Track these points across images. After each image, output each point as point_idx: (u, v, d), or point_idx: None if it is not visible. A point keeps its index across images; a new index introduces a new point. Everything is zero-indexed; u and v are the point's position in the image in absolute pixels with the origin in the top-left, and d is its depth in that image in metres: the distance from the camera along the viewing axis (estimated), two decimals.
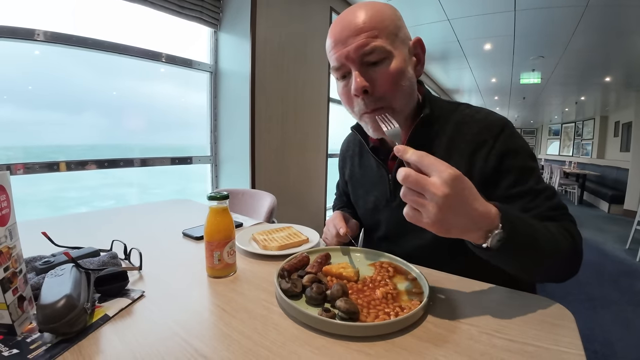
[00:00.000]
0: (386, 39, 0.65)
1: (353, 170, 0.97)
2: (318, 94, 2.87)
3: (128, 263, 0.75)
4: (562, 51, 4.01)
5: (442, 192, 0.45)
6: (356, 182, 0.95)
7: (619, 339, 1.98)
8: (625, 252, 3.77)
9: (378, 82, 0.67)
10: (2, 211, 0.47)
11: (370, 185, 0.89)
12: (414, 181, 0.47)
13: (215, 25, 2.16)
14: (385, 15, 0.66)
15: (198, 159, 2.24)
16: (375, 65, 0.66)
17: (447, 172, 0.46)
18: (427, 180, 0.46)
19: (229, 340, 0.47)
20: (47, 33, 1.45)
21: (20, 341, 0.46)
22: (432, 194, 0.46)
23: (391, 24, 0.66)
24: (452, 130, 0.74)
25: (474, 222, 0.49)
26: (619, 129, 7.42)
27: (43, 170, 1.50)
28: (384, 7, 0.68)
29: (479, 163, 0.70)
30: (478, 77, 5.75)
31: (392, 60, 0.66)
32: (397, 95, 0.69)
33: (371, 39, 0.64)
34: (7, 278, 0.46)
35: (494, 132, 0.70)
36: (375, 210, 0.88)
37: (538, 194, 0.67)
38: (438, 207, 0.46)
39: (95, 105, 1.76)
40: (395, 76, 0.67)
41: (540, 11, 2.96)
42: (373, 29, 0.64)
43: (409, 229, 0.77)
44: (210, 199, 0.69)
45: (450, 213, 0.47)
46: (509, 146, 0.70)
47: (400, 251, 0.81)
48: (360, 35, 0.64)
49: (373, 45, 0.64)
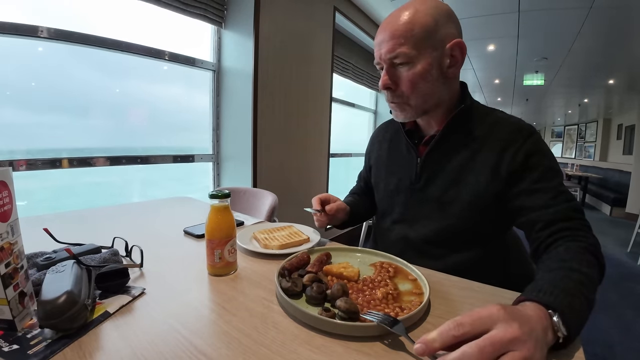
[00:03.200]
0: (411, 46, 0.73)
1: (380, 153, 1.02)
2: (321, 93, 2.86)
3: (129, 260, 0.75)
4: (565, 53, 3.99)
5: (513, 329, 0.38)
6: (381, 164, 1.00)
7: (619, 342, 1.98)
8: (627, 256, 3.76)
9: (400, 82, 0.77)
10: (4, 207, 0.47)
11: (396, 167, 0.93)
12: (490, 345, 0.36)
13: (220, 23, 2.16)
14: (417, 22, 0.72)
15: (200, 157, 2.24)
16: (400, 67, 0.76)
17: (491, 311, 0.40)
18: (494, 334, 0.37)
19: (228, 338, 0.47)
20: (50, 30, 1.45)
21: (21, 337, 0.46)
22: (508, 340, 0.37)
23: (421, 30, 0.72)
24: (485, 130, 0.79)
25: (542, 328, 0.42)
26: (622, 132, 7.39)
27: (45, 167, 1.50)
28: (422, 12, 0.73)
29: (507, 158, 0.74)
30: (481, 78, 5.73)
31: (414, 65, 0.74)
32: (414, 95, 0.77)
33: (397, 45, 0.73)
34: (9, 274, 0.46)
35: (524, 134, 0.75)
36: (396, 191, 0.92)
37: (560, 193, 0.70)
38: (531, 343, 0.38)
39: (98, 106, 1.76)
40: (414, 79, 0.75)
41: (544, 13, 2.94)
42: (400, 36, 0.73)
43: (427, 212, 0.84)
44: (212, 197, 0.69)
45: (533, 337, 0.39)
46: (538, 147, 0.74)
47: (414, 235, 0.86)
48: (390, 41, 0.74)
49: (398, 52, 0.73)
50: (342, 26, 3.28)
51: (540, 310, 0.44)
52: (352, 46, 3.60)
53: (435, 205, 0.82)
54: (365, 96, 4.35)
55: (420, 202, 0.85)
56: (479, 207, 0.77)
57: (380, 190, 0.98)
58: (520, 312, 0.42)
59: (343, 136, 3.66)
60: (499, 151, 0.75)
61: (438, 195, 0.82)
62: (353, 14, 3.21)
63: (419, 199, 0.86)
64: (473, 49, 4.14)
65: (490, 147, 0.77)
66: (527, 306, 0.45)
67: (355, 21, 3.25)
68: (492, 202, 0.76)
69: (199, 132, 2.30)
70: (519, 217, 0.73)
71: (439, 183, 0.82)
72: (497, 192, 0.75)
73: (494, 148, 0.76)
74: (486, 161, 0.76)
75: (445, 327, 0.39)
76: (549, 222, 0.67)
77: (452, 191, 0.80)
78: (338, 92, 3.31)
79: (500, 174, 0.75)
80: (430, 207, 0.84)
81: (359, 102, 4.00)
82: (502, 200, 0.75)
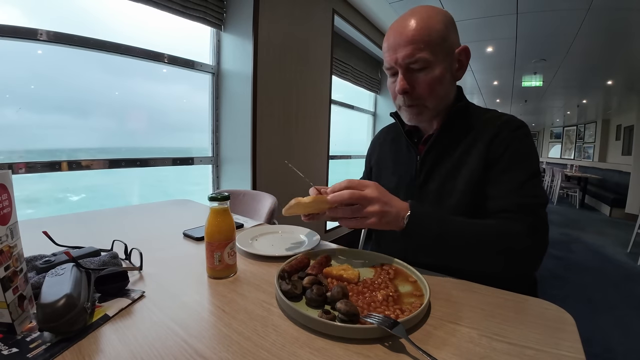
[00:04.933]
0: (430, 51, 0.75)
1: (381, 155, 1.06)
2: (320, 95, 2.87)
3: (128, 263, 0.75)
4: (564, 54, 4.01)
5: (376, 194, 0.68)
6: (382, 164, 1.04)
7: (619, 343, 1.97)
8: (627, 256, 3.75)
9: (417, 86, 0.79)
10: (4, 210, 0.47)
11: (397, 167, 0.97)
12: (356, 194, 0.67)
13: (219, 25, 2.16)
14: (432, 28, 0.75)
15: (199, 159, 2.24)
16: (418, 72, 0.78)
17: (370, 182, 0.70)
18: (362, 192, 0.68)
19: (228, 341, 0.47)
20: (50, 33, 1.45)
21: (20, 340, 0.46)
22: (369, 199, 0.67)
23: (437, 36, 0.75)
24: (480, 125, 0.83)
25: (397, 212, 0.69)
26: (621, 133, 7.41)
27: (45, 170, 1.50)
28: (434, 18, 0.76)
29: (492, 147, 0.78)
30: (480, 80, 5.74)
31: (433, 69, 0.77)
32: (431, 98, 0.80)
33: (417, 50, 0.75)
34: (8, 277, 0.46)
35: (512, 127, 0.79)
36: (396, 189, 0.92)
37: (520, 186, 0.73)
38: (379, 204, 0.67)
39: (99, 107, 1.76)
40: (432, 84, 0.78)
41: (542, 14, 2.96)
42: (419, 41, 0.74)
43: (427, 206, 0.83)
44: (211, 199, 0.69)
45: (386, 206, 0.68)
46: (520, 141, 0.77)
47: None
48: (408, 46, 0.75)
49: (417, 57, 0.75)
50: (341, 29, 3.29)
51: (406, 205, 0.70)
52: (351, 48, 3.62)
53: (434, 199, 0.84)
54: (365, 98, 4.35)
55: (421, 197, 0.87)
56: (471, 194, 0.79)
57: None
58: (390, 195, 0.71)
59: (342, 138, 3.67)
60: (487, 140, 0.79)
61: (436, 189, 0.84)
62: (352, 16, 3.22)
63: (419, 195, 0.88)
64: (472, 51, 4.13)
65: (482, 139, 0.80)
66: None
67: (354, 24, 3.26)
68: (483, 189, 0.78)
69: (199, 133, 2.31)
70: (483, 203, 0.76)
71: (437, 177, 0.84)
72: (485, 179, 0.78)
73: (484, 139, 0.80)
74: (478, 152, 0.79)
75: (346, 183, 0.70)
76: (496, 211, 0.73)
77: (449, 184, 0.82)
78: (337, 94, 3.32)
79: (486, 161, 0.78)
80: (429, 201, 0.85)
81: (358, 104, 4.01)
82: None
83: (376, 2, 3.12)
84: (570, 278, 3.04)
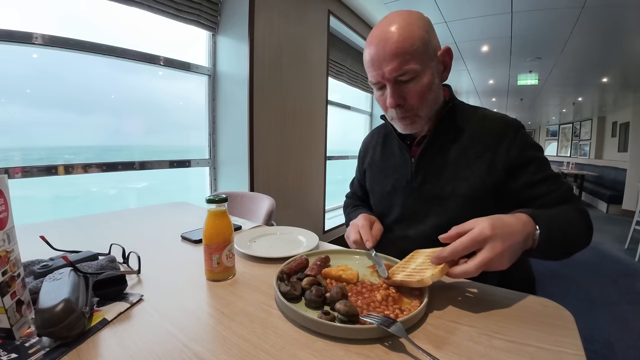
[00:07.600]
0: (416, 61, 0.73)
1: (374, 157, 1.04)
2: (316, 96, 2.87)
3: (126, 267, 0.75)
4: (559, 52, 4.03)
5: (489, 229, 0.55)
6: (376, 168, 1.01)
7: (618, 339, 1.98)
8: (624, 252, 3.77)
9: (408, 97, 0.77)
10: (0, 215, 0.46)
11: (391, 169, 0.95)
12: (466, 242, 0.56)
13: (213, 28, 2.16)
14: (414, 36, 0.72)
15: (197, 162, 2.23)
16: (407, 83, 0.76)
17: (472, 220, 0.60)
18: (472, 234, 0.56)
19: (228, 344, 0.47)
20: (45, 36, 1.44)
21: (19, 345, 0.45)
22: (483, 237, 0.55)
23: (420, 43, 0.73)
24: (474, 125, 0.83)
25: (523, 235, 0.59)
26: (617, 130, 7.44)
27: (41, 174, 1.49)
28: (414, 24, 0.74)
29: (501, 153, 0.79)
30: (475, 79, 5.76)
31: (421, 78, 0.75)
32: (423, 107, 0.79)
33: (403, 63, 0.72)
34: (5, 282, 0.46)
35: (515, 128, 0.80)
36: (393, 192, 0.93)
37: (555, 179, 0.78)
38: (500, 241, 0.55)
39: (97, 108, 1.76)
40: (422, 92, 0.77)
41: (536, 13, 2.97)
42: (404, 53, 0.72)
43: (425, 209, 0.86)
44: (209, 202, 0.69)
45: (506, 240, 0.56)
46: (528, 141, 0.80)
47: (414, 233, 0.87)
48: (394, 60, 0.72)
49: (405, 69, 0.73)
50: (337, 29, 3.29)
51: (523, 217, 0.62)
52: (347, 49, 3.62)
53: (433, 202, 0.84)
54: (361, 98, 4.36)
55: (418, 200, 0.87)
56: (475, 199, 0.79)
57: (376, 193, 0.99)
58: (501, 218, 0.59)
59: (339, 138, 3.67)
60: (491, 146, 0.79)
61: (435, 192, 0.84)
62: (347, 17, 3.23)
63: (416, 197, 0.87)
64: (467, 51, 4.17)
65: (482, 141, 0.81)
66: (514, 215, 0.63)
67: (349, 24, 3.27)
68: (489, 195, 0.79)
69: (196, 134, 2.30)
70: (531, 205, 0.78)
71: (435, 180, 0.84)
72: (494, 185, 0.78)
73: (485, 142, 0.80)
74: (479, 155, 0.80)
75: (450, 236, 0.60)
76: (552, 205, 0.75)
77: (448, 187, 0.82)
78: (333, 95, 3.32)
79: (496, 169, 0.78)
80: (428, 204, 0.85)
81: (354, 105, 4.01)
82: (500, 193, 0.79)
83: (371, 3, 3.13)
84: (569, 275, 3.05)
